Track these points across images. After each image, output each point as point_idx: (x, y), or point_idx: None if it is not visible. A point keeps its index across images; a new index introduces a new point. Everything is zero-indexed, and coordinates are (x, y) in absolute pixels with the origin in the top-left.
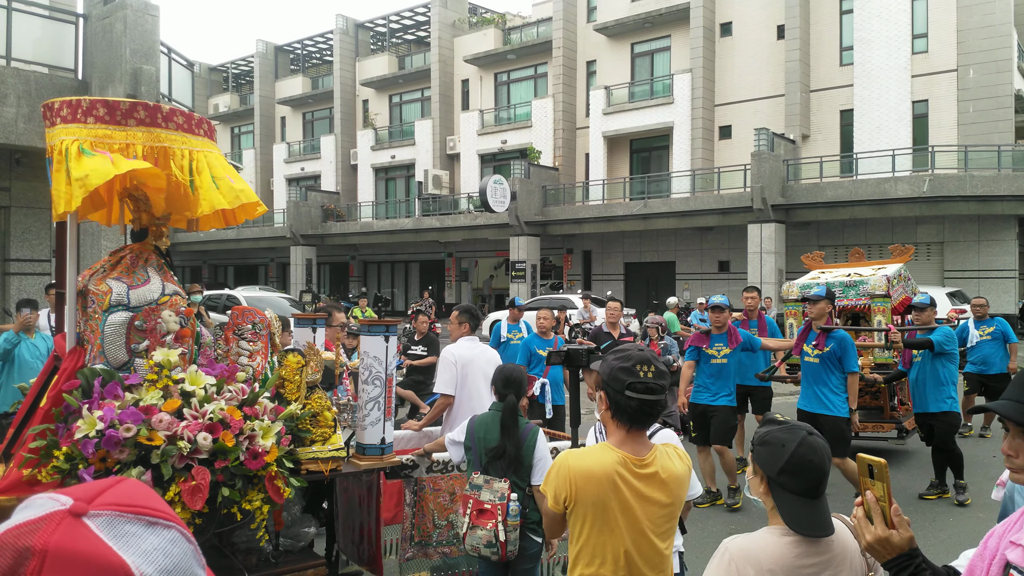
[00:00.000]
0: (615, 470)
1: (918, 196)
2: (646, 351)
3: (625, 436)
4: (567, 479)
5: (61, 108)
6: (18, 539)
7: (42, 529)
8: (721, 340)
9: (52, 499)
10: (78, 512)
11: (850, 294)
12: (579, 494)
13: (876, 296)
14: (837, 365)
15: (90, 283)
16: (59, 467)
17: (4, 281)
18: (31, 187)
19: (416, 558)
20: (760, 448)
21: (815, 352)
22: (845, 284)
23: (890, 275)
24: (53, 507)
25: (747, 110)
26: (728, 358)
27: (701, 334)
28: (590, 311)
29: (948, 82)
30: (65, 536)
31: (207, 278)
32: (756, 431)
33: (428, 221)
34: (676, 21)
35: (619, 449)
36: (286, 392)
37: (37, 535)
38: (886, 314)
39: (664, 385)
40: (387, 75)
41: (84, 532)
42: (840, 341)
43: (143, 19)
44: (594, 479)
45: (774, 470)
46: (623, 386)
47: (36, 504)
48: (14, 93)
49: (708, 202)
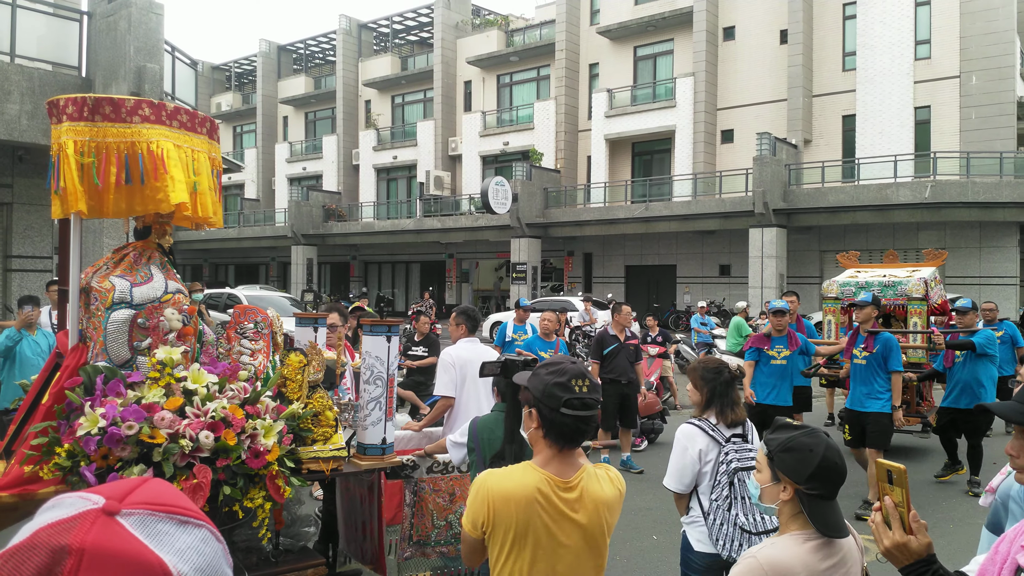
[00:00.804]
0: (536, 492)
1: (920, 202)
2: (579, 363)
3: (553, 456)
4: (485, 502)
5: (67, 106)
6: (53, 538)
7: (76, 528)
8: (781, 342)
9: (83, 498)
10: (111, 511)
11: (888, 294)
12: (496, 518)
13: (913, 299)
14: (882, 365)
15: (93, 280)
16: (61, 464)
17: (5, 278)
18: (34, 184)
19: (415, 557)
20: (785, 455)
21: (864, 354)
22: (884, 284)
23: (927, 278)
24: (85, 506)
25: (749, 114)
26: (787, 359)
27: (762, 336)
28: (591, 314)
29: (951, 88)
30: (101, 535)
31: (208, 277)
32: (768, 437)
33: (429, 222)
34: (679, 25)
35: (543, 469)
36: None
37: (72, 534)
38: (922, 316)
39: (598, 399)
40: (390, 76)
41: (119, 531)
42: (885, 343)
43: (147, 17)
44: (513, 502)
45: (803, 476)
46: (559, 403)
47: (66, 503)
48: (18, 90)
49: (709, 206)
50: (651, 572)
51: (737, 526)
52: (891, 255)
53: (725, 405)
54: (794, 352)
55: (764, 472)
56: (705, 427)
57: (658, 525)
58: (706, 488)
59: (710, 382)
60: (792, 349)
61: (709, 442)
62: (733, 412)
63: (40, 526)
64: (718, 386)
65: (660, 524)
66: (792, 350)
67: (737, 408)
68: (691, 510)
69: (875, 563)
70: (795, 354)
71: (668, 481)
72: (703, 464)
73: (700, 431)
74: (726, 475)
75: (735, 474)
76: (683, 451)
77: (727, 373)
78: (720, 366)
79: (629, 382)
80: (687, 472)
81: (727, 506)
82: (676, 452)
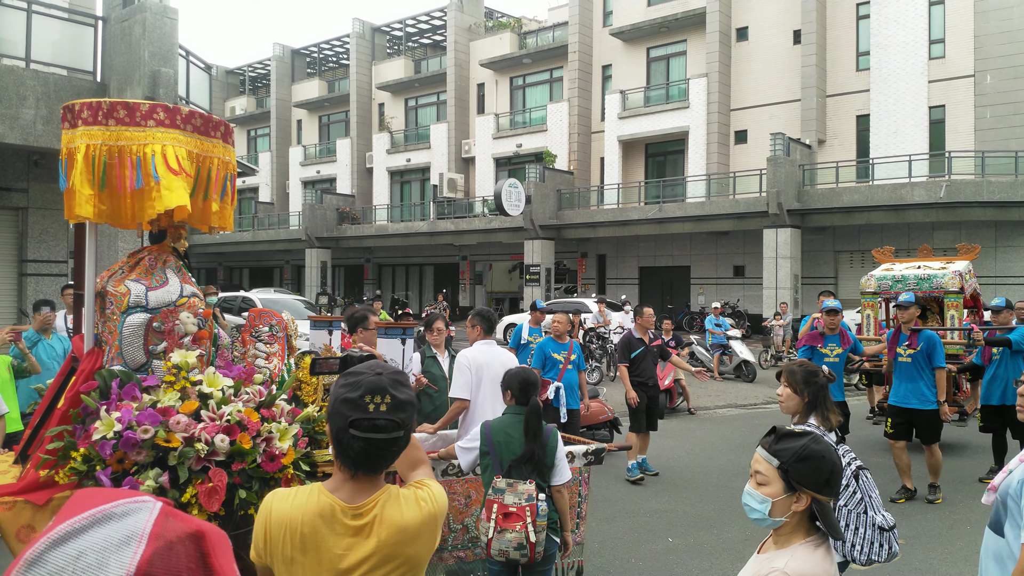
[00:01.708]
0: (317, 519)
1: (935, 202)
2: (387, 374)
3: (346, 480)
4: (263, 526)
5: (82, 110)
6: (175, 531)
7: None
8: (834, 340)
9: (140, 501)
10: (169, 503)
11: (924, 286)
12: (272, 544)
13: (950, 292)
14: (927, 362)
15: (108, 284)
16: (77, 468)
17: (21, 282)
18: (49, 188)
19: (431, 563)
20: (801, 465)
21: (908, 352)
22: (920, 277)
23: (962, 271)
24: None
25: (763, 115)
26: (840, 357)
27: (817, 334)
28: (605, 315)
29: (965, 87)
30: (193, 519)
31: (222, 280)
32: (776, 448)
33: (443, 224)
34: (692, 26)
35: (332, 494)
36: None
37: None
38: (959, 309)
39: (403, 419)
40: (403, 79)
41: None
42: (929, 340)
43: (162, 22)
44: (287, 528)
45: (820, 483)
46: (345, 423)
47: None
48: (33, 95)
49: (723, 207)
50: (668, 573)
51: (876, 527)
52: (925, 249)
53: (827, 409)
54: (846, 350)
55: (775, 484)
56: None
57: (673, 527)
58: None
59: (811, 385)
60: (845, 347)
61: None
62: (832, 416)
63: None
64: (820, 390)
65: (675, 526)
66: (844, 348)
67: (835, 412)
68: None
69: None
70: (846, 352)
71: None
72: None
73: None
74: (853, 478)
75: (858, 473)
76: None
77: (823, 377)
78: (817, 370)
79: (655, 384)
80: None
81: (862, 509)
82: None
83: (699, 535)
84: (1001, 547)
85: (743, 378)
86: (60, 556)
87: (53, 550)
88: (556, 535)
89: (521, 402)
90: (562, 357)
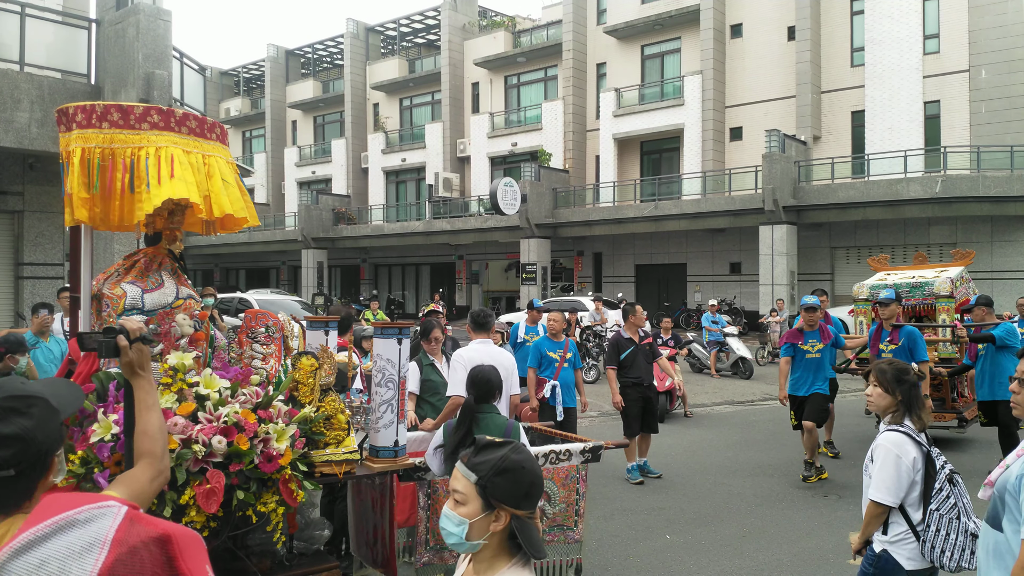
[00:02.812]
0: None
1: (930, 197)
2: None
3: None
4: None
5: (76, 113)
6: (140, 536)
7: (143, 523)
8: (814, 336)
9: (104, 507)
10: (135, 507)
11: (916, 294)
12: None
13: (941, 297)
14: (909, 356)
15: (104, 287)
16: (74, 471)
17: (18, 285)
18: (44, 191)
19: (432, 563)
20: (499, 479)
21: (891, 347)
22: (911, 285)
23: (953, 277)
24: (117, 509)
25: (758, 111)
26: (822, 352)
27: (796, 331)
28: (602, 313)
29: (960, 83)
30: (160, 522)
31: (219, 281)
32: (472, 461)
33: (438, 224)
34: (686, 23)
35: None
36: (300, 395)
37: (148, 527)
38: (950, 313)
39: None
40: (397, 78)
41: (158, 519)
42: (910, 334)
43: (155, 24)
44: None
45: (519, 498)
46: None
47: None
48: (27, 98)
49: (719, 204)
50: (665, 572)
51: (968, 534)
52: (920, 257)
53: (920, 409)
54: (827, 345)
55: (472, 503)
56: (911, 433)
57: (671, 524)
58: (914, 501)
59: (903, 384)
60: (825, 342)
61: (918, 450)
62: (924, 416)
63: (109, 535)
64: (911, 388)
65: (673, 523)
66: (825, 343)
67: (925, 412)
68: (892, 526)
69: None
70: (828, 347)
71: (880, 495)
72: (915, 473)
73: (908, 438)
74: (946, 481)
75: (952, 477)
76: (896, 460)
77: (913, 375)
78: (908, 368)
79: (650, 384)
80: (903, 483)
81: (955, 515)
82: (888, 462)
83: (697, 532)
84: (1000, 542)
85: (740, 375)
86: (23, 565)
87: (16, 559)
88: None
89: (481, 401)
90: (558, 356)
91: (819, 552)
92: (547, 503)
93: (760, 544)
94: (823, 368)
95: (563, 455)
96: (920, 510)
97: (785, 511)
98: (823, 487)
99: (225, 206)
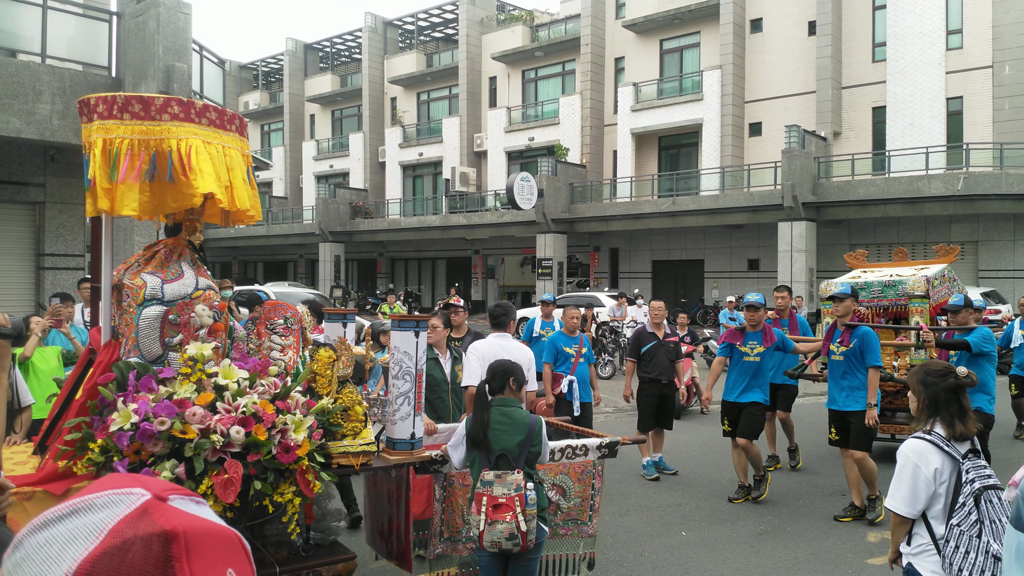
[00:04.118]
0: None
1: (952, 194)
2: None
3: None
4: None
5: (97, 104)
6: (140, 530)
7: (153, 515)
8: (755, 338)
9: (124, 493)
10: (162, 497)
11: (889, 294)
12: None
13: (914, 296)
14: (860, 360)
15: (125, 277)
16: (94, 459)
17: (39, 276)
18: (65, 183)
19: (446, 554)
20: None
21: (841, 349)
22: (884, 284)
23: (931, 276)
24: (136, 498)
25: (778, 107)
26: (762, 356)
27: (736, 331)
28: (623, 309)
29: (983, 78)
30: (179, 516)
31: (237, 274)
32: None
33: (455, 218)
34: (706, 17)
35: None
36: (318, 386)
37: (157, 520)
38: (923, 315)
39: None
40: (415, 73)
41: (184, 512)
42: (862, 336)
43: (175, 17)
44: None
45: None
46: None
47: (113, 501)
48: (49, 90)
49: (738, 200)
50: (680, 568)
51: (990, 554)
52: (900, 252)
53: (953, 416)
54: (768, 349)
55: None
56: (938, 442)
57: (687, 521)
58: (938, 513)
59: (931, 387)
60: (767, 345)
61: (944, 459)
62: (963, 424)
63: (110, 525)
64: (941, 392)
65: (689, 520)
66: (767, 346)
67: (967, 420)
68: (915, 537)
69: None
70: (770, 351)
71: (895, 504)
72: (938, 485)
73: (933, 447)
74: (971, 497)
75: (980, 495)
76: (914, 470)
77: (953, 379)
78: (945, 370)
79: (669, 381)
80: (921, 495)
81: (976, 532)
82: (905, 471)
83: (712, 529)
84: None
85: None
86: (33, 542)
87: (32, 535)
88: (545, 524)
89: (495, 392)
90: (573, 351)
91: (837, 551)
92: (562, 497)
93: (777, 542)
94: (761, 374)
95: (579, 450)
96: (944, 523)
97: (802, 509)
98: (842, 486)
99: (244, 199)
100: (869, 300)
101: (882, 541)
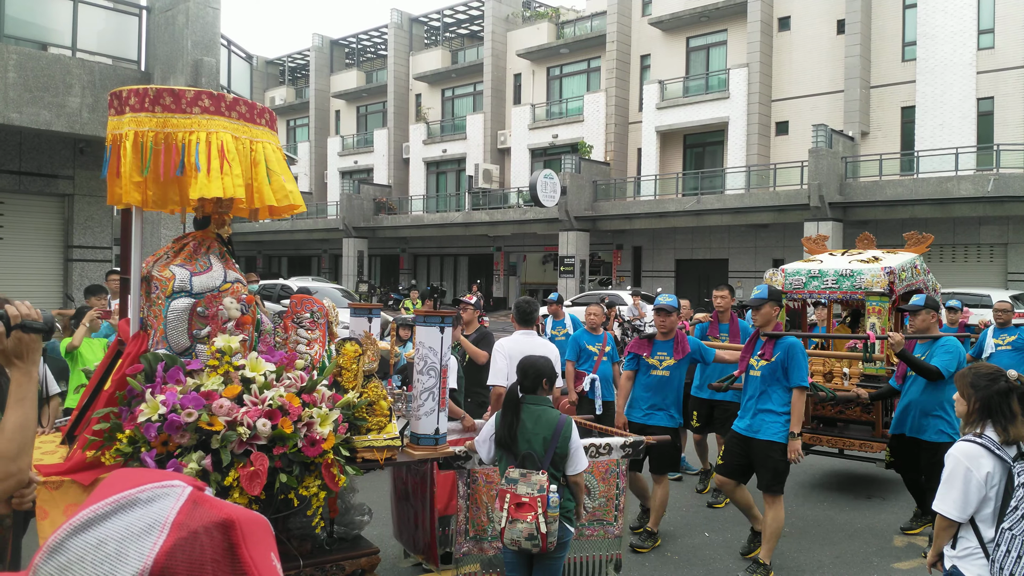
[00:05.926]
0: None
1: (982, 196)
2: None
3: None
4: None
5: (129, 97)
6: (201, 520)
7: (207, 506)
8: (665, 349)
9: (167, 486)
10: (201, 488)
11: (844, 285)
12: None
13: (872, 294)
14: (783, 378)
15: (154, 269)
16: (122, 450)
17: (67, 267)
18: (94, 176)
19: (471, 553)
20: None
21: (760, 363)
22: (840, 274)
23: (895, 267)
24: (180, 491)
25: (805, 106)
26: (671, 370)
27: (642, 340)
28: (640, 308)
29: (1015, 79)
30: (225, 505)
31: (261, 268)
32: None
33: (478, 215)
34: (733, 15)
35: None
36: (343, 380)
37: (212, 510)
38: (882, 316)
39: None
40: (440, 69)
41: (225, 502)
42: (787, 349)
43: (204, 12)
44: None
45: None
46: None
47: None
48: (79, 83)
49: (763, 199)
50: (704, 569)
51: None
52: (866, 238)
53: (1007, 419)
54: (680, 361)
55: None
56: (990, 445)
57: (710, 522)
58: (987, 516)
59: (981, 390)
60: (678, 357)
61: (996, 463)
62: (1015, 428)
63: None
64: (992, 396)
65: (712, 521)
66: (678, 358)
67: (1019, 424)
68: (961, 541)
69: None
70: (682, 363)
71: (945, 508)
72: (988, 489)
73: (985, 450)
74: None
75: None
76: (966, 473)
77: (1004, 382)
78: (996, 373)
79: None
80: (972, 498)
81: None
82: (956, 474)
83: (736, 530)
84: None
85: None
86: (80, 543)
87: (74, 537)
88: (572, 524)
89: (527, 391)
90: (597, 349)
91: (862, 555)
92: (587, 497)
93: (801, 545)
94: (670, 391)
95: (603, 449)
96: (993, 527)
97: (827, 511)
98: (867, 488)
99: (268, 197)
100: (820, 292)
101: (908, 545)
